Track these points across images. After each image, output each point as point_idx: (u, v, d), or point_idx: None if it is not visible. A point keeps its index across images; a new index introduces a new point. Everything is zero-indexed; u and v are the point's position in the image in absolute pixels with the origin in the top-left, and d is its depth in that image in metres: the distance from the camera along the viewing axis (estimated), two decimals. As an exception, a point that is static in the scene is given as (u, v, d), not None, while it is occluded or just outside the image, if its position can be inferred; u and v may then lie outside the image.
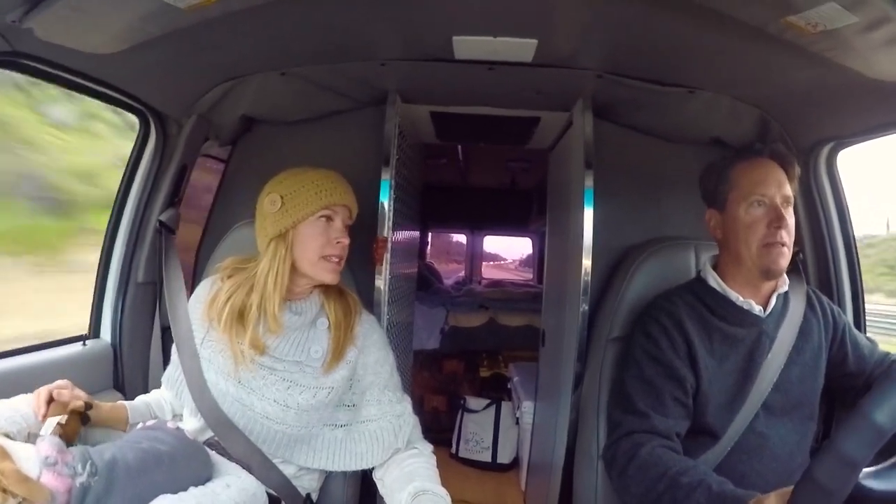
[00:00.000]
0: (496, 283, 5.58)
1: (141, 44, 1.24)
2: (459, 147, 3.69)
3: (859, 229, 1.70)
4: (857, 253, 1.66)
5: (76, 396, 1.13)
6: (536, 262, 5.83)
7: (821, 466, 0.74)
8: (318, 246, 1.31)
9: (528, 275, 6.70)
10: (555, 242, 2.38)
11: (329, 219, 1.32)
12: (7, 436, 0.98)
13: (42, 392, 1.11)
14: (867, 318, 1.68)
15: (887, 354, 1.45)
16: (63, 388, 1.13)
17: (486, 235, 5.98)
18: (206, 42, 1.39)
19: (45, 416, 1.08)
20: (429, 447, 1.39)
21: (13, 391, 1.15)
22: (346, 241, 1.34)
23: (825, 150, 1.63)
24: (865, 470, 0.76)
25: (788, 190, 1.33)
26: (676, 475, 1.14)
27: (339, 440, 1.33)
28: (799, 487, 0.78)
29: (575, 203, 1.78)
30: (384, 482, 1.32)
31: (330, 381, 1.31)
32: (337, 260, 1.33)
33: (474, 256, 5.99)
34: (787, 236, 1.30)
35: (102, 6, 1.08)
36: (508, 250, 7.60)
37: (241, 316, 1.30)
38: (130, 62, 1.33)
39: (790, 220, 1.31)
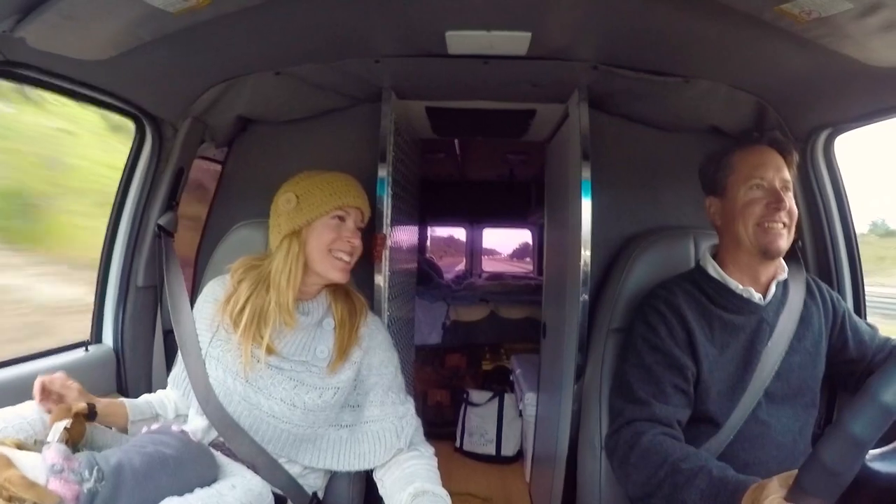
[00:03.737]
0: (496, 277, 5.57)
1: (133, 49, 1.23)
2: (456, 141, 3.68)
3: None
4: (856, 239, 1.66)
5: (68, 386, 1.17)
6: (536, 254, 5.82)
7: (828, 447, 0.74)
8: (329, 241, 1.32)
9: (524, 266, 6.68)
10: (554, 234, 2.38)
11: (342, 219, 1.34)
12: (18, 444, 0.98)
13: (37, 386, 1.15)
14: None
15: (888, 339, 1.45)
16: (55, 379, 1.16)
17: (485, 228, 5.96)
18: (198, 45, 1.39)
19: (49, 411, 1.10)
20: (430, 449, 1.39)
21: (18, 399, 1.16)
22: (357, 241, 1.35)
23: (822, 137, 1.63)
24: (872, 452, 0.76)
25: (787, 174, 1.34)
26: (677, 461, 1.14)
27: (344, 440, 1.34)
28: (805, 468, 0.77)
29: (573, 195, 1.78)
30: (384, 483, 1.33)
31: (335, 382, 1.31)
32: (347, 259, 1.34)
33: (474, 250, 5.97)
34: (788, 217, 1.31)
35: (93, 13, 1.07)
36: (501, 244, 7.58)
37: (261, 316, 1.31)
38: (123, 67, 1.32)
39: (790, 203, 1.32)
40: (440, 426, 3.64)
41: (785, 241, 1.31)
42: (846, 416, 0.73)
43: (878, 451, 0.78)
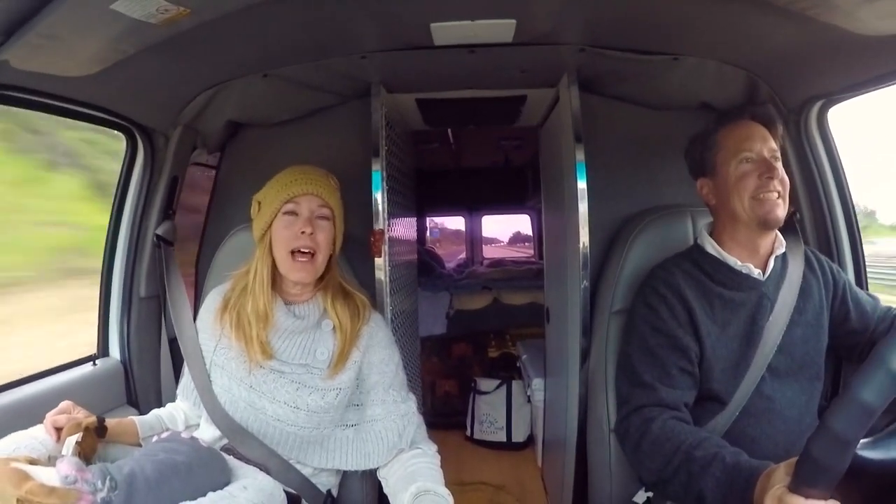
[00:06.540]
0: (497, 263, 5.57)
1: (119, 62, 1.23)
2: (450, 131, 3.67)
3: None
4: (854, 210, 1.65)
5: (75, 418, 1.15)
6: (536, 238, 5.81)
7: (837, 414, 0.74)
8: (285, 241, 1.31)
9: (526, 251, 6.67)
10: (551, 219, 2.38)
11: (294, 213, 1.32)
12: (30, 461, 1.00)
13: (47, 423, 1.14)
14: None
15: (890, 308, 1.45)
16: (64, 412, 1.16)
17: (483, 216, 5.94)
18: (183, 53, 1.38)
19: (59, 438, 1.10)
20: (433, 447, 1.40)
21: (30, 418, 1.17)
22: (309, 229, 1.30)
23: (815, 109, 1.62)
24: (862, 441, 0.76)
25: (774, 144, 1.34)
26: (690, 449, 1.14)
27: (350, 440, 1.34)
28: (814, 437, 0.77)
29: (568, 178, 1.78)
30: (388, 482, 1.34)
31: (337, 383, 1.32)
32: (305, 255, 1.31)
33: (474, 238, 5.96)
34: (781, 186, 1.30)
35: (75, 30, 1.07)
36: (501, 232, 7.56)
37: (244, 321, 1.32)
38: (110, 81, 1.32)
39: (781, 172, 1.31)
40: (450, 416, 3.64)
41: (781, 211, 1.31)
42: (855, 382, 0.72)
43: (868, 439, 0.79)
